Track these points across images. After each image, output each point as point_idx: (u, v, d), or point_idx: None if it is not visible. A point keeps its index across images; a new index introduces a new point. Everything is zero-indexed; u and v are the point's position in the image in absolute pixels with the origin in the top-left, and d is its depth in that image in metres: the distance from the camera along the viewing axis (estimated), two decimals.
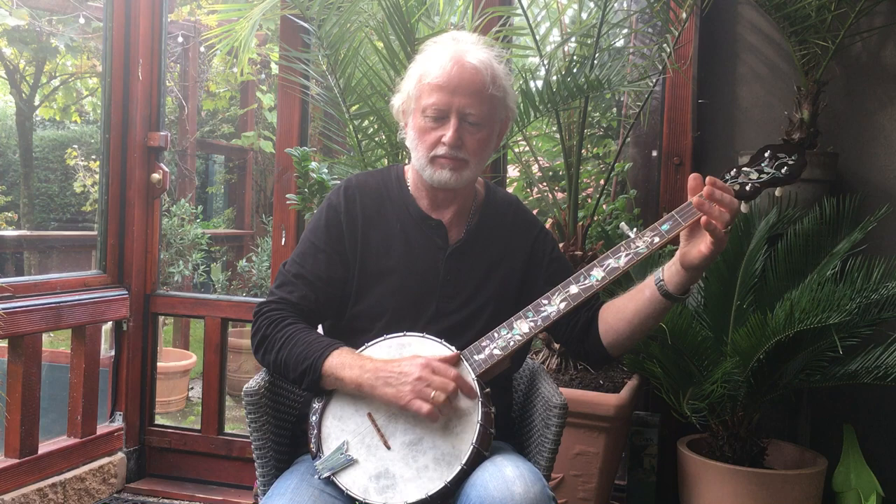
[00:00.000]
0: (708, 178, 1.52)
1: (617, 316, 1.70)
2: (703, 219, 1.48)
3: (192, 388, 4.93)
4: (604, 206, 3.14)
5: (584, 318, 1.73)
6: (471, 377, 1.57)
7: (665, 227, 1.57)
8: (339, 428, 1.59)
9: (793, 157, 1.59)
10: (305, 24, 2.69)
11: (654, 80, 2.75)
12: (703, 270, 1.58)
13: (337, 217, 1.74)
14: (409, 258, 1.73)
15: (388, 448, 1.54)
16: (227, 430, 3.30)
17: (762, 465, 2.51)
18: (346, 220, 1.74)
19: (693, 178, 1.54)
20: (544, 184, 3.45)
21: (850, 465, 2.62)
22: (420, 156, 1.70)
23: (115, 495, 3.09)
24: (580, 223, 2.71)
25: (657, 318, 1.65)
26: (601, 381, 2.57)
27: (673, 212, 1.58)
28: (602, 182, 2.93)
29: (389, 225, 1.75)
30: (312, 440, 1.59)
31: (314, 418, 1.61)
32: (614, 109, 3.60)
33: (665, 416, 2.65)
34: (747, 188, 1.58)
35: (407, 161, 1.86)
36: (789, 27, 2.68)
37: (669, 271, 1.59)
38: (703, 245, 1.51)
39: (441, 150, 1.67)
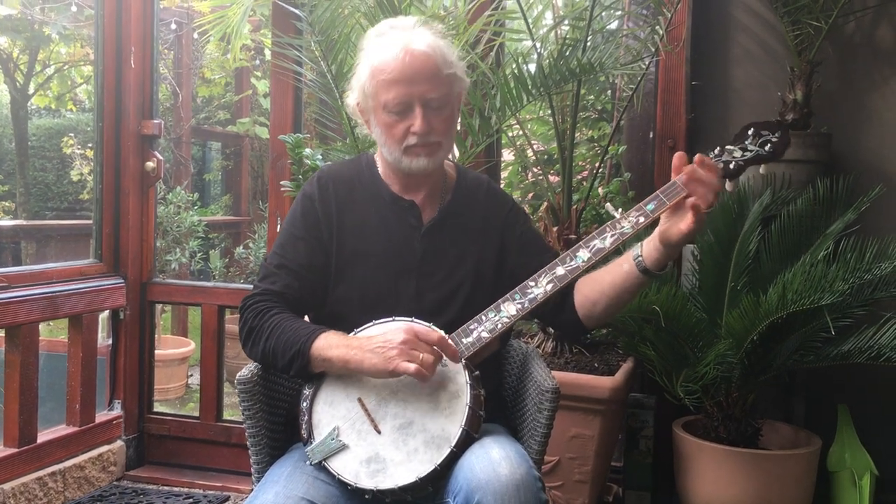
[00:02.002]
0: (696, 157, 1.54)
1: (593, 288, 1.71)
2: (690, 200, 1.51)
3: (191, 376, 4.94)
4: (598, 190, 3.14)
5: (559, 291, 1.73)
6: (455, 346, 1.58)
7: (650, 206, 1.59)
8: (330, 414, 1.59)
9: (776, 135, 1.61)
10: (297, 11, 2.67)
11: (647, 63, 2.74)
12: (680, 248, 1.59)
13: (312, 205, 1.76)
14: (385, 240, 1.75)
15: (379, 432, 1.55)
16: (226, 416, 3.30)
17: (757, 446, 2.52)
18: (321, 207, 1.76)
19: (678, 157, 1.57)
20: (539, 167, 3.45)
21: (845, 445, 2.64)
22: (392, 150, 1.71)
23: (114, 483, 3.10)
24: (574, 206, 2.71)
25: (633, 292, 1.67)
26: (596, 364, 2.58)
27: (657, 191, 1.59)
28: (597, 165, 2.93)
29: (363, 209, 1.77)
30: (303, 426, 1.60)
31: (304, 405, 1.61)
32: (609, 92, 3.59)
33: (661, 398, 2.66)
34: (731, 166, 1.61)
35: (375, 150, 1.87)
36: (782, 7, 2.68)
37: (648, 247, 1.60)
38: (682, 223, 1.53)
39: (413, 140, 1.68)
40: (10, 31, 6.11)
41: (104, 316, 3.30)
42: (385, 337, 1.55)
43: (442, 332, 1.57)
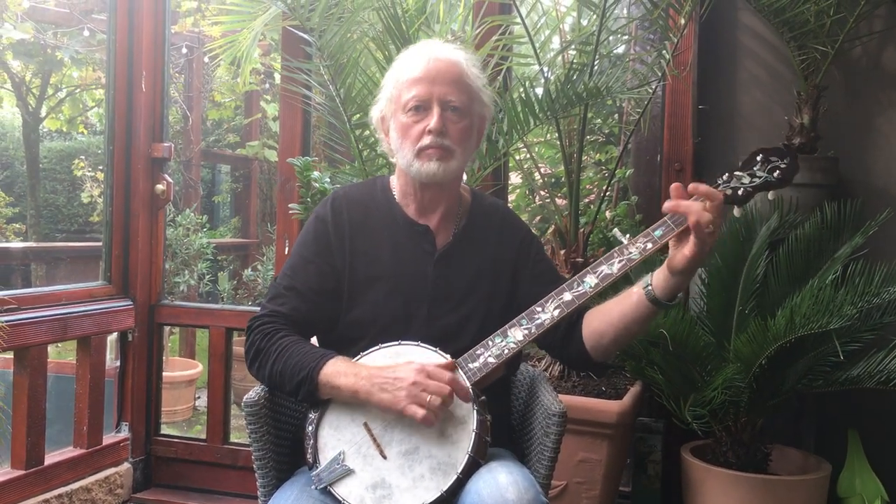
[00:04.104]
0: (690, 186, 1.52)
1: (602, 319, 1.70)
2: (691, 219, 1.48)
3: (198, 398, 4.95)
4: (606, 213, 3.14)
5: (566, 323, 1.72)
6: (466, 385, 1.57)
7: (658, 232, 1.58)
8: (336, 438, 1.59)
9: (784, 161, 1.59)
10: (306, 36, 2.70)
11: (654, 87, 2.76)
12: (689, 275, 1.57)
13: (325, 228, 1.76)
14: (397, 264, 1.74)
15: (385, 458, 1.55)
16: (234, 439, 3.30)
17: (766, 471, 2.50)
18: (334, 230, 1.76)
19: (674, 189, 1.54)
20: (546, 191, 3.45)
21: (855, 471, 2.61)
22: (406, 152, 1.71)
23: None
24: (581, 230, 2.71)
25: (642, 323, 1.65)
26: (603, 388, 2.57)
27: (666, 217, 1.58)
28: (604, 188, 2.94)
29: (377, 233, 1.77)
30: (309, 450, 1.60)
31: (310, 428, 1.61)
32: (616, 116, 3.60)
33: (669, 423, 2.65)
34: (739, 192, 1.59)
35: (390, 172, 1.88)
36: (788, 32, 2.69)
37: (658, 277, 1.59)
38: (686, 248, 1.51)
39: (427, 140, 1.68)
40: (24, 55, 6.18)
41: (112, 338, 3.31)
42: (395, 374, 1.54)
43: (452, 374, 1.55)
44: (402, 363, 1.57)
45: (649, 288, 1.59)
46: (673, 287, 1.57)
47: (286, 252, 3.09)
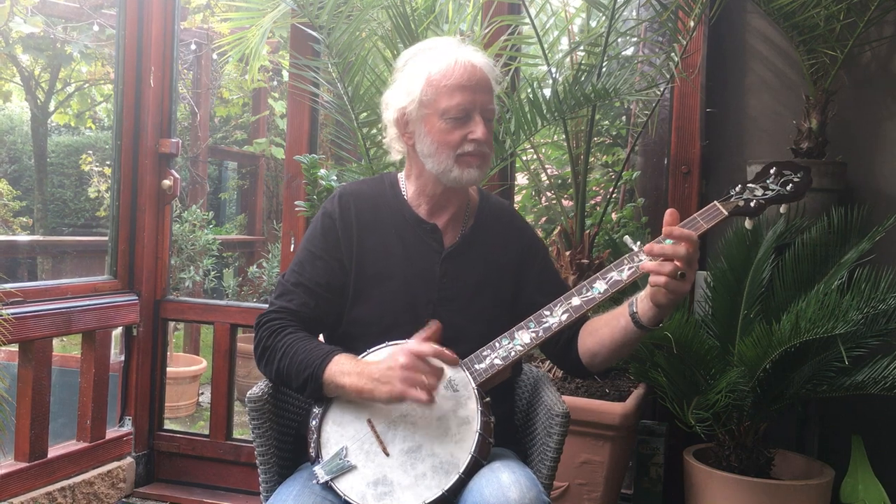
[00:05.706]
0: (666, 229, 1.53)
1: (593, 339, 1.71)
2: (652, 278, 1.51)
3: (202, 394, 4.95)
4: (612, 215, 3.14)
5: (566, 335, 1.74)
6: (471, 386, 1.57)
7: (668, 240, 1.58)
8: (339, 433, 1.60)
9: (798, 175, 1.60)
10: (315, 33, 2.71)
11: (662, 89, 2.75)
12: (672, 309, 1.58)
13: (332, 224, 1.76)
14: (405, 262, 1.74)
15: (387, 455, 1.55)
16: (236, 435, 3.31)
17: (769, 476, 2.50)
18: (342, 226, 1.75)
19: (669, 214, 1.54)
20: (552, 192, 3.45)
21: (858, 477, 2.60)
22: (443, 159, 1.69)
23: (123, 500, 3.10)
24: (587, 231, 2.71)
25: (632, 344, 1.67)
26: (607, 390, 2.57)
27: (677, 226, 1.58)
28: (610, 190, 2.93)
29: (385, 230, 1.77)
30: (312, 445, 1.60)
31: (314, 423, 1.62)
32: (623, 118, 3.60)
33: (672, 426, 2.65)
34: (752, 204, 1.60)
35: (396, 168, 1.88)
36: (797, 36, 2.68)
37: (643, 305, 1.59)
38: (662, 294, 1.52)
39: (469, 147, 1.68)
40: (33, 49, 6.18)
41: (117, 332, 3.32)
42: (387, 363, 1.55)
43: (434, 346, 1.55)
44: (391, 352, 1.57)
45: (635, 315, 1.60)
46: (657, 316, 1.58)
47: (292, 249, 3.09)
